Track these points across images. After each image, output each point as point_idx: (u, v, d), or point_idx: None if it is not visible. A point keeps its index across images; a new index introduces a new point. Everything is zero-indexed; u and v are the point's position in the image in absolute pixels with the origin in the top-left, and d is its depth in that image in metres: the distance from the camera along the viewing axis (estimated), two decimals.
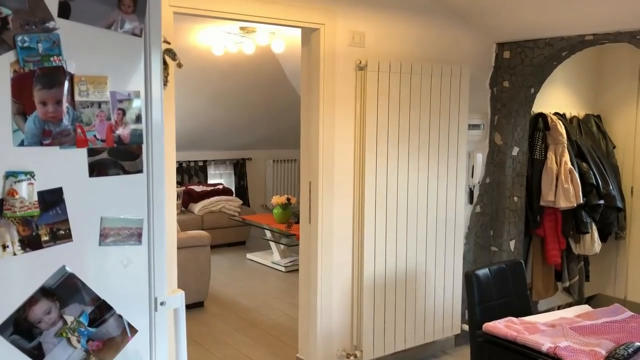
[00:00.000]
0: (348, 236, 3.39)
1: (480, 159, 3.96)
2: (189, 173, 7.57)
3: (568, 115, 4.48)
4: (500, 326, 2.25)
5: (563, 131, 4.18)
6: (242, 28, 4.92)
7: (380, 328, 3.47)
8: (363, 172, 3.32)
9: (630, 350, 1.96)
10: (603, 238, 4.41)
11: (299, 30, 3.29)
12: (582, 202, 4.11)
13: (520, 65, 3.88)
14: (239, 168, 8.00)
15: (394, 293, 3.51)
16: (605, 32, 3.37)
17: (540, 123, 4.21)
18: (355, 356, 3.42)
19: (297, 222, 5.90)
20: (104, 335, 1.41)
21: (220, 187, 7.28)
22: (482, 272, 2.65)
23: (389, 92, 3.34)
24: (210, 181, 7.74)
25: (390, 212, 3.42)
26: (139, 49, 1.40)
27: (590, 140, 4.50)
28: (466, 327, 3.94)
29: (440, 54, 3.68)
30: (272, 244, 6.24)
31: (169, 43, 2.10)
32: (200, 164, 7.67)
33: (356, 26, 3.29)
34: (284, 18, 3.03)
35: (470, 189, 3.97)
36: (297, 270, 5.91)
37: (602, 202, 4.23)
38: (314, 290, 3.34)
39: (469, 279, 2.60)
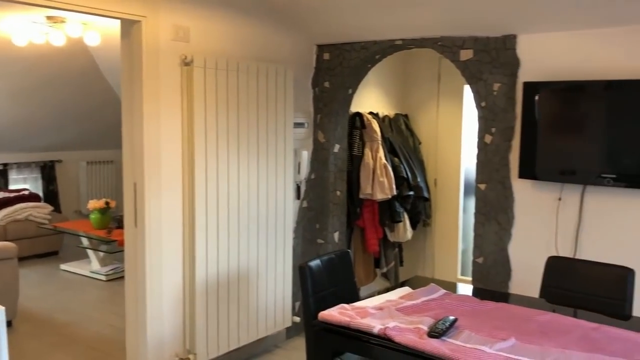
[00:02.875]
0: (178, 238, 3.28)
1: (305, 156, 4.11)
2: None
3: (381, 115, 4.85)
4: (335, 313, 2.36)
5: (377, 129, 4.51)
6: (49, 17, 4.48)
7: (214, 328, 3.42)
8: (192, 172, 3.24)
9: (447, 324, 2.18)
10: (413, 226, 4.85)
11: (117, 21, 3.10)
12: (395, 193, 4.49)
13: (339, 67, 4.10)
14: (47, 171, 7.28)
15: (227, 292, 3.49)
16: (412, 37, 3.71)
17: (358, 122, 4.50)
18: None
19: (119, 227, 5.56)
20: None
21: (26, 192, 6.56)
22: (314, 263, 2.75)
23: (216, 90, 3.30)
24: (12, 187, 6.93)
25: (221, 211, 3.39)
26: None
27: (400, 137, 4.93)
28: (297, 319, 4.07)
29: (265, 53, 3.73)
30: (90, 252, 5.80)
31: None
32: (0, 167, 6.83)
33: (180, 20, 3.19)
34: (99, 8, 2.83)
35: (297, 185, 4.10)
36: (121, 277, 5.62)
37: (412, 193, 4.66)
38: (142, 296, 3.18)
39: (303, 271, 2.69)
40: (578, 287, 2.78)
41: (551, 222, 3.34)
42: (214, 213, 3.35)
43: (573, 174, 3.19)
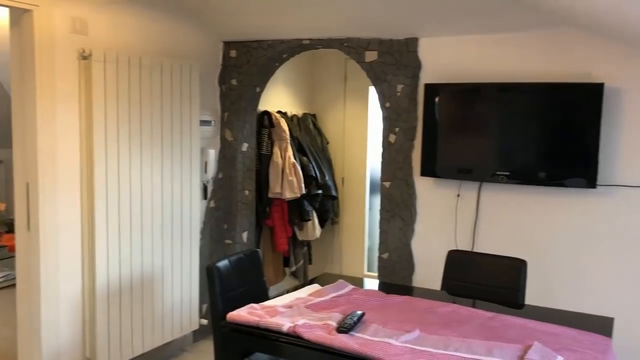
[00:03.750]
0: (76, 240, 3.10)
1: (212, 155, 4.04)
2: None
3: (289, 114, 4.86)
4: (244, 313, 2.33)
5: (286, 128, 4.52)
6: None
7: (117, 335, 3.27)
8: (92, 171, 3.08)
9: (355, 319, 2.22)
10: (321, 224, 4.91)
11: (4, 10, 2.89)
12: (304, 192, 4.51)
13: (246, 65, 4.06)
14: None
15: (130, 297, 3.34)
16: (319, 37, 3.75)
17: (266, 120, 4.48)
18: None
19: (9, 232, 5.19)
20: None
21: None
22: (223, 263, 2.70)
23: (117, 85, 3.16)
24: None
25: (123, 212, 3.25)
26: None
27: (309, 136, 4.97)
28: (204, 321, 3.98)
29: (170, 48, 3.62)
30: None
31: None
32: None
33: (77, 12, 3.02)
34: None
35: (204, 184, 4.01)
36: (11, 285, 5.22)
37: (320, 191, 4.71)
38: (36, 304, 2.98)
39: (210, 271, 2.63)
40: (476, 278, 2.93)
41: (451, 218, 3.50)
42: (115, 214, 3.20)
43: (470, 172, 3.36)
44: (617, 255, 3.08)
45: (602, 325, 2.38)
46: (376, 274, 3.82)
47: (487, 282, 2.89)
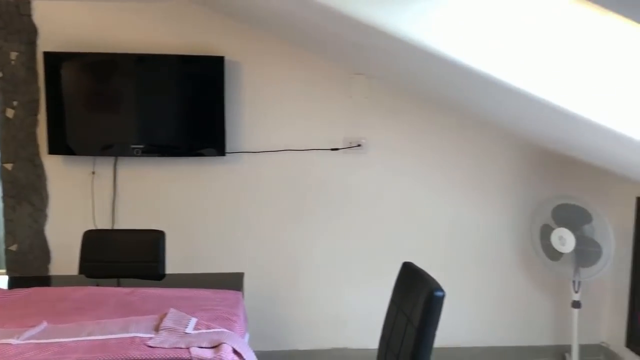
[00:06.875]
0: None
1: None
2: None
3: None
4: None
5: None
6: None
7: None
8: None
9: None
10: None
11: None
12: None
13: None
14: None
15: None
16: None
17: None
18: None
19: None
20: None
21: None
22: None
23: None
24: None
25: None
26: None
27: None
28: None
29: None
30: None
31: None
32: None
33: None
34: None
35: None
36: None
37: None
38: None
39: None
40: (116, 256, 2.82)
41: (87, 197, 3.29)
42: None
43: (106, 148, 3.20)
44: (248, 214, 3.37)
45: (234, 281, 2.56)
46: (4, 270, 3.36)
47: (127, 258, 2.82)
